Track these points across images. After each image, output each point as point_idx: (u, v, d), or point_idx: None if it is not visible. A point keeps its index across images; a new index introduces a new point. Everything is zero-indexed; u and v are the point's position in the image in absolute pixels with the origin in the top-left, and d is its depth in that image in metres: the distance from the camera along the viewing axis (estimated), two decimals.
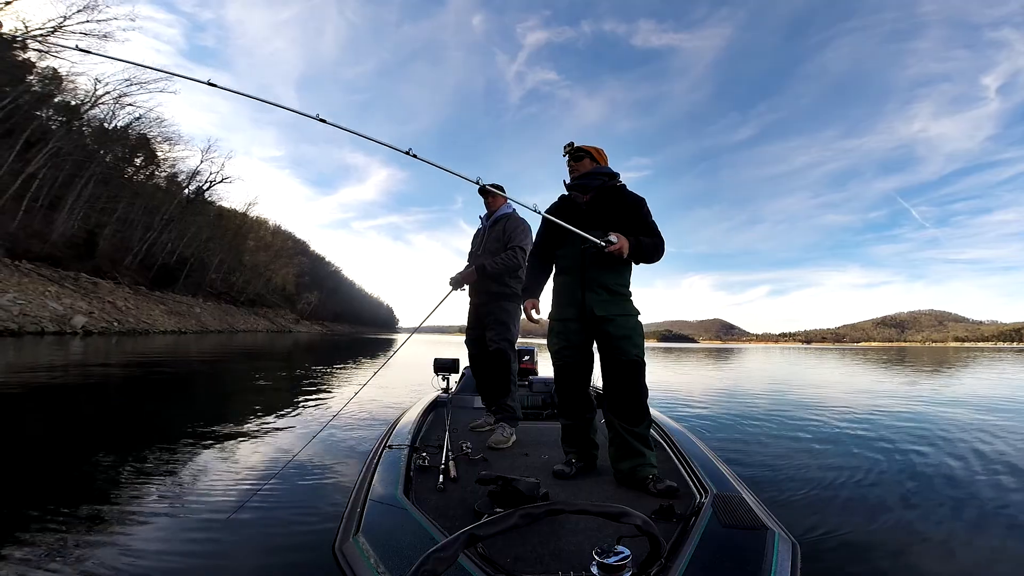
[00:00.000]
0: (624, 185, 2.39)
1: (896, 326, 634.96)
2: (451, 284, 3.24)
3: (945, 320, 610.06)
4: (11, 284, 22.78)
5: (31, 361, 9.83)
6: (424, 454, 2.24)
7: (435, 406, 3.46)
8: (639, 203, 2.32)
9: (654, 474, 2.04)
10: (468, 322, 3.35)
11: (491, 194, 3.22)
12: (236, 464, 3.14)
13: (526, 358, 4.86)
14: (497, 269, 3.06)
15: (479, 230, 3.39)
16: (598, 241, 2.09)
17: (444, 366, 3.31)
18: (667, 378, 11.43)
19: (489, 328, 3.14)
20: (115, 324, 26.84)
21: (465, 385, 4.10)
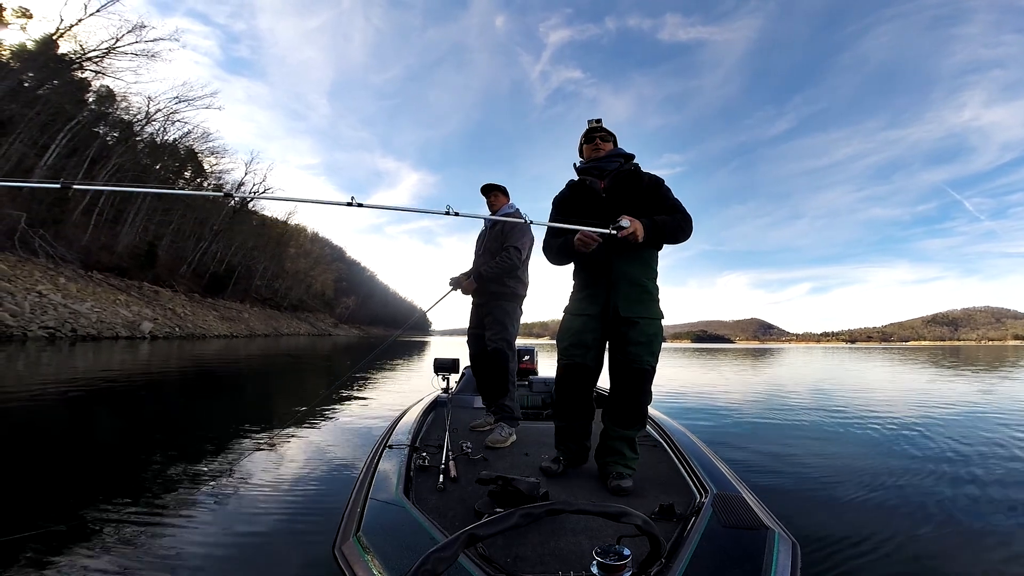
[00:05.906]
0: (639, 166, 2.22)
1: (949, 324, 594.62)
2: (451, 284, 3.30)
3: (1003, 317, 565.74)
4: (87, 293, 24.97)
5: (123, 361, 10.55)
6: (424, 454, 2.23)
7: (435, 406, 3.43)
8: (658, 183, 2.16)
9: (619, 471, 1.99)
10: (470, 321, 3.41)
11: (492, 194, 3.29)
12: (236, 463, 3.19)
13: (526, 358, 4.81)
14: (492, 273, 3.10)
15: (482, 232, 3.42)
16: (609, 231, 1.91)
17: (444, 366, 3.29)
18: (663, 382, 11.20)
19: (488, 328, 3.17)
20: (176, 329, 28.85)
21: (465, 385, 4.07)
